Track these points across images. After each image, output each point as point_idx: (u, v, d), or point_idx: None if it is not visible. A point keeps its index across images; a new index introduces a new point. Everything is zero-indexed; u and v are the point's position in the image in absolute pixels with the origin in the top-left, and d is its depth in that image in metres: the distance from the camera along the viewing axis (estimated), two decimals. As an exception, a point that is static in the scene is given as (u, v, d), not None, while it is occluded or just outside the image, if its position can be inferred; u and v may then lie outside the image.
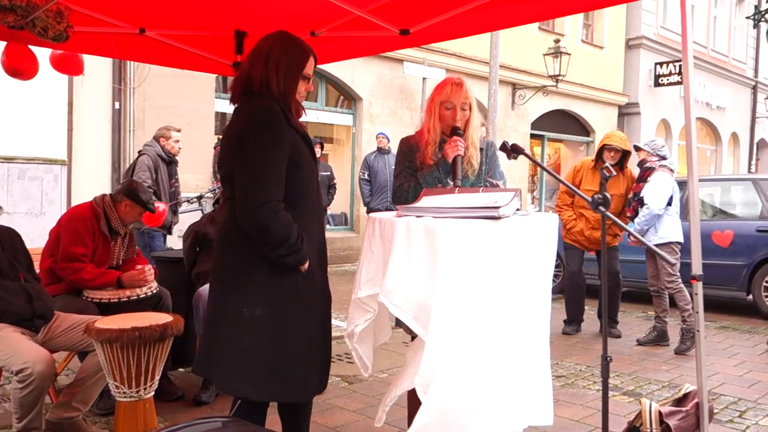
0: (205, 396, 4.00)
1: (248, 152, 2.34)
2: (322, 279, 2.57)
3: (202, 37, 4.47)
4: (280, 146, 2.34)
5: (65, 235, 3.78)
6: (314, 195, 2.56)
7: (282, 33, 2.56)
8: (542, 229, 2.31)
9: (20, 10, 3.30)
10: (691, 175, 2.82)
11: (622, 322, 6.62)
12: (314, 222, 2.55)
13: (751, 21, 13.80)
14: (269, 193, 2.30)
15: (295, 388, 2.43)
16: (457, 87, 2.94)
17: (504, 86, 12.97)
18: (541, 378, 2.32)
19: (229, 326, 2.41)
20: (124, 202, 3.94)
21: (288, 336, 2.39)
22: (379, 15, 3.81)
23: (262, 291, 2.38)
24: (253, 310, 2.37)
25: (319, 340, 2.51)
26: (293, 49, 2.50)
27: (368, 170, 8.85)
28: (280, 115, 2.38)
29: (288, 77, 2.46)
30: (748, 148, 22.25)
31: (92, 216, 3.86)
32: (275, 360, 2.37)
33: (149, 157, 6.11)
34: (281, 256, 2.33)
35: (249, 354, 2.37)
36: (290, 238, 2.32)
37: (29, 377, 2.91)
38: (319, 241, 2.58)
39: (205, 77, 8.65)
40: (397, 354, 4.72)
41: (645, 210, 5.67)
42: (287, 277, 2.40)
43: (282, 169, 2.34)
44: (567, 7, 3.51)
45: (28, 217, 7.51)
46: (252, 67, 2.47)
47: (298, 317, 2.42)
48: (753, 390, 4.56)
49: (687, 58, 2.79)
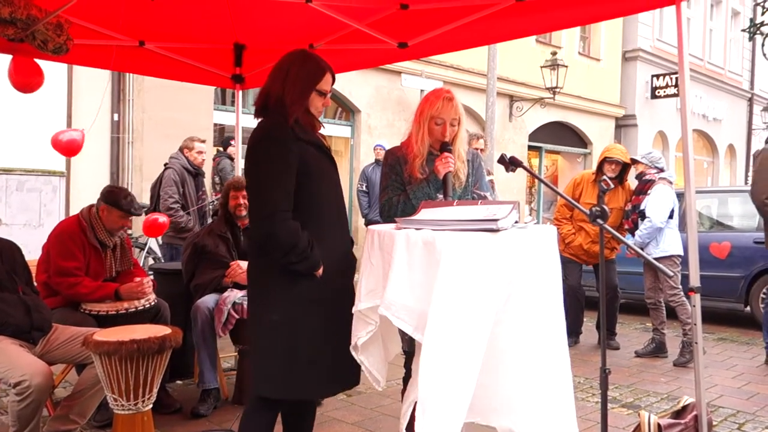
0: (203, 408, 3.98)
1: (254, 167, 2.52)
2: (344, 283, 2.65)
3: (202, 50, 4.50)
4: (285, 160, 2.46)
5: (54, 251, 3.76)
6: (333, 204, 2.67)
7: (303, 51, 2.72)
8: (541, 241, 2.31)
9: (20, 23, 3.32)
10: (688, 186, 2.84)
11: (621, 334, 6.62)
12: (335, 230, 2.66)
13: (746, 34, 13.87)
14: (274, 204, 2.43)
15: (310, 387, 2.56)
16: (448, 102, 2.92)
17: (501, 98, 13.02)
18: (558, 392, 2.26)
19: (254, 329, 2.61)
20: (101, 207, 3.88)
21: (302, 339, 2.50)
22: (377, 28, 3.84)
23: (277, 297, 2.53)
24: (271, 315, 2.52)
25: (334, 342, 2.54)
26: (310, 64, 2.63)
27: (366, 182, 8.85)
28: (285, 130, 2.49)
29: (303, 91, 2.58)
30: (745, 160, 22.32)
31: (79, 229, 3.84)
32: (290, 361, 2.50)
33: (175, 171, 5.95)
34: (291, 263, 2.46)
35: (266, 355, 2.53)
36: (298, 245, 2.43)
37: (27, 390, 2.91)
38: (341, 247, 2.67)
39: (204, 89, 8.66)
40: (395, 366, 4.68)
41: (647, 223, 5.65)
42: (301, 284, 2.51)
43: (288, 182, 2.47)
44: (564, 20, 3.54)
45: (27, 228, 7.50)
46: (272, 83, 2.61)
47: (313, 321, 2.52)
48: (751, 402, 4.56)
49: (683, 71, 2.82)
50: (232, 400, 4.24)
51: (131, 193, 4.04)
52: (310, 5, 3.43)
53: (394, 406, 4.18)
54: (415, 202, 2.85)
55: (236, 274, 4.06)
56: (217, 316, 3.97)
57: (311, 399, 2.66)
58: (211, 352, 4.07)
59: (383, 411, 4.15)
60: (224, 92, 9.71)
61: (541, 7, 3.33)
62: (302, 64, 2.61)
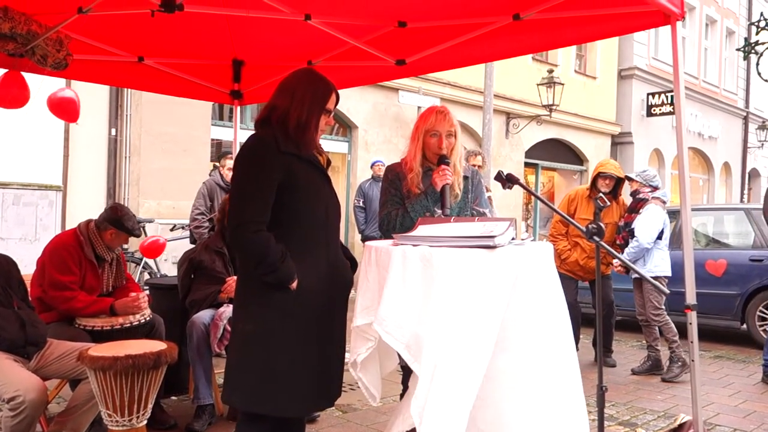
0: (197, 425, 3.95)
1: (235, 178, 2.55)
2: (325, 302, 2.58)
3: (200, 66, 4.52)
4: (264, 172, 2.47)
5: (50, 264, 3.75)
6: (320, 220, 2.62)
7: (309, 69, 2.77)
8: (538, 258, 2.32)
9: (20, 38, 3.33)
10: (684, 204, 2.85)
11: (617, 351, 6.60)
12: (319, 248, 2.60)
13: (741, 53, 13.99)
14: (245, 215, 2.44)
15: (281, 402, 2.49)
16: (441, 115, 2.98)
17: (498, 115, 13.07)
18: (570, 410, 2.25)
19: (231, 339, 2.64)
20: (109, 231, 3.90)
21: (274, 352, 2.47)
22: (375, 45, 3.87)
23: (251, 308, 2.54)
24: (246, 325, 2.53)
25: (311, 359, 2.52)
26: (318, 83, 2.65)
27: (363, 198, 8.86)
28: (268, 143, 2.50)
29: (311, 111, 2.59)
30: (740, 178, 22.42)
31: (76, 243, 3.83)
32: (262, 374, 2.47)
33: (206, 185, 6.26)
34: (261, 274, 2.44)
35: (240, 366, 2.54)
36: (268, 257, 2.41)
37: (21, 405, 2.88)
38: (324, 264, 2.60)
39: (202, 105, 8.68)
40: (391, 383, 4.66)
41: (634, 242, 5.70)
42: (276, 296, 2.48)
43: (266, 194, 2.46)
44: (561, 39, 3.57)
45: (23, 242, 7.47)
46: (277, 98, 2.62)
47: (285, 335, 2.48)
48: (748, 420, 4.54)
49: (679, 89, 2.84)
50: (227, 416, 4.21)
51: (134, 214, 4.09)
52: (309, 22, 3.46)
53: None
54: (413, 216, 2.86)
55: (232, 290, 4.04)
56: (213, 331, 3.96)
57: (282, 415, 2.58)
58: (206, 367, 4.04)
59: (379, 428, 4.12)
60: (222, 107, 9.73)
61: (538, 26, 3.36)
62: (310, 84, 2.63)
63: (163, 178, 8.47)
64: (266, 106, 2.66)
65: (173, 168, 8.48)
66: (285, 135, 2.54)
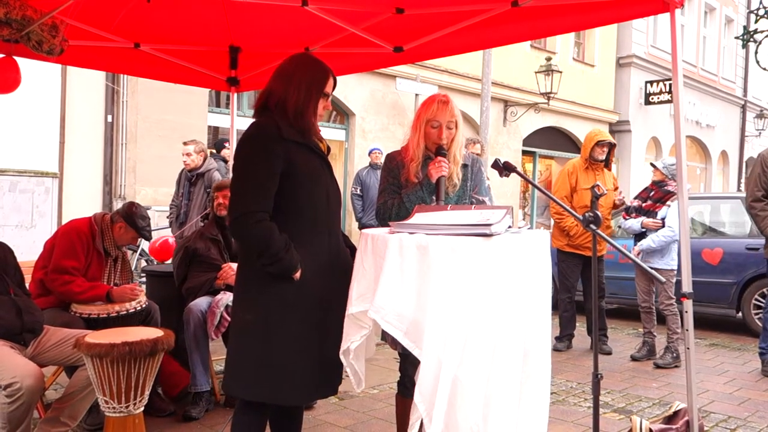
0: (194, 411, 3.97)
1: (237, 167, 2.53)
2: (327, 290, 2.58)
3: (197, 52, 4.50)
4: (266, 160, 2.45)
5: (59, 247, 3.79)
6: (321, 207, 2.62)
7: (305, 54, 2.77)
8: (534, 246, 2.32)
9: (16, 23, 3.31)
10: (681, 192, 2.85)
11: (613, 339, 6.63)
12: (321, 235, 2.61)
13: (740, 41, 13.96)
14: (245, 205, 2.43)
15: (282, 391, 2.50)
16: (443, 105, 2.94)
17: (496, 103, 13.05)
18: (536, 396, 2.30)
19: (232, 328, 2.64)
20: (119, 224, 3.94)
21: (275, 341, 2.48)
22: (373, 32, 3.85)
23: (254, 298, 2.53)
24: (246, 315, 2.53)
25: (312, 348, 2.53)
26: (315, 67, 2.64)
27: (360, 185, 8.85)
28: (270, 130, 2.48)
29: (309, 95, 2.58)
30: (738, 167, 22.45)
31: (89, 232, 3.88)
32: (263, 363, 2.48)
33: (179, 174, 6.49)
34: (264, 265, 2.44)
35: (240, 355, 2.54)
36: (270, 247, 2.40)
37: (18, 392, 2.89)
38: (325, 254, 2.61)
39: (199, 91, 8.66)
40: (388, 370, 4.70)
41: (669, 232, 5.64)
42: (277, 286, 2.48)
43: (267, 182, 2.45)
44: (559, 26, 3.55)
45: (19, 229, 7.46)
46: (274, 84, 2.61)
47: (286, 324, 2.48)
48: (743, 408, 4.57)
49: (677, 77, 2.83)
50: (225, 403, 4.22)
51: (149, 217, 4.13)
52: (306, 9, 3.43)
53: (387, 410, 4.18)
54: (409, 206, 2.85)
55: (228, 277, 4.06)
56: (210, 318, 3.96)
57: (283, 404, 2.60)
58: (203, 354, 4.05)
59: (375, 415, 4.14)
60: (219, 94, 9.70)
61: (536, 12, 3.35)
62: (307, 68, 2.61)
63: (160, 165, 8.45)
64: (263, 92, 2.64)
65: (170, 155, 8.43)
66: (285, 121, 2.52)
